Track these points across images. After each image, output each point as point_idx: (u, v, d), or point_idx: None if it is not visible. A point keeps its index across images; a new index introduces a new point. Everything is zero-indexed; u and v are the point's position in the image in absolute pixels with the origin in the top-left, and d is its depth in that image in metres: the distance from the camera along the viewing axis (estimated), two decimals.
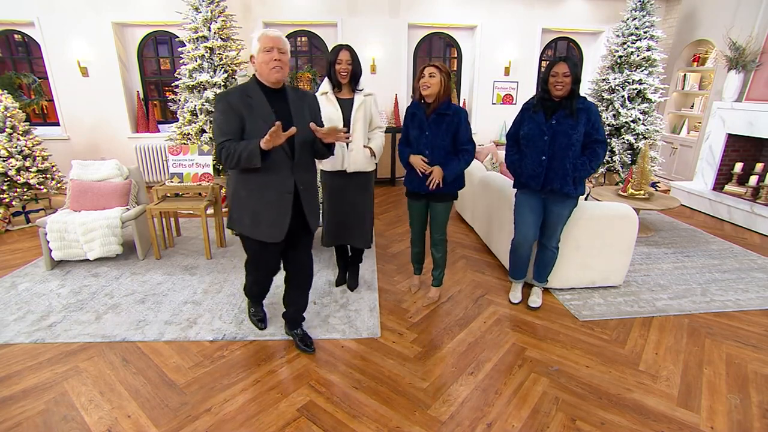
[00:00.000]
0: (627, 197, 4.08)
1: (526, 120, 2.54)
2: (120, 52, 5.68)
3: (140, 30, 5.79)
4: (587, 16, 6.25)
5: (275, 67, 1.86)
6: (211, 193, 3.63)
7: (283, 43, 1.87)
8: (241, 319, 2.67)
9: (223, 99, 1.88)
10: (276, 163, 1.88)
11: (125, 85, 5.80)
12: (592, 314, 2.76)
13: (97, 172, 3.62)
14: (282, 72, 1.89)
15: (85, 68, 5.58)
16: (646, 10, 5.16)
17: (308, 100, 2.07)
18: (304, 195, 2.01)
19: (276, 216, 1.96)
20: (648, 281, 3.23)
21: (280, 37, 1.86)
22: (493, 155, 4.70)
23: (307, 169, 2.05)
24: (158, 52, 6.01)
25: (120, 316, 2.69)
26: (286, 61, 1.89)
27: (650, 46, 5.19)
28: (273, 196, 1.94)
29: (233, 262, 3.53)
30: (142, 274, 3.29)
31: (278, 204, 1.95)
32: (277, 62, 1.85)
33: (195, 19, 4.57)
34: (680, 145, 6.16)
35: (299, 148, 1.95)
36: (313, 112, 2.07)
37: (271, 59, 1.84)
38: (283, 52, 1.87)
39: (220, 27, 4.58)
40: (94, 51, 5.55)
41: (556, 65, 2.38)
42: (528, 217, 2.67)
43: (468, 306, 2.88)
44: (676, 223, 4.66)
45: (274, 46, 1.84)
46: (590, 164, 2.44)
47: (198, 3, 4.57)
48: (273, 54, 1.84)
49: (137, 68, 5.94)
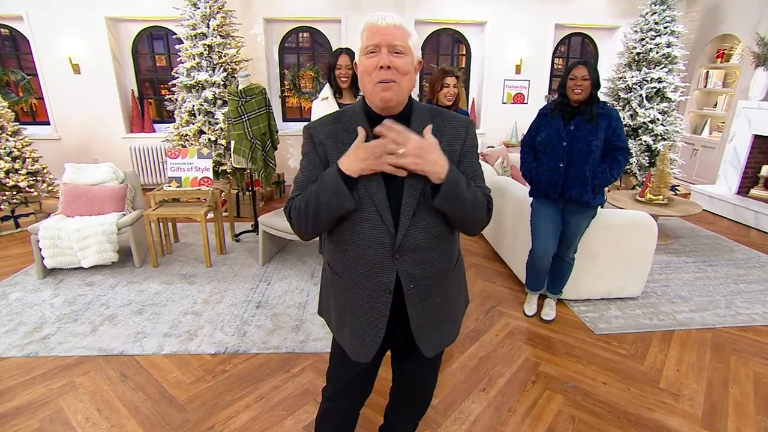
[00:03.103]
0: (645, 202, 4.10)
1: (543, 125, 2.57)
2: (114, 49, 5.75)
3: (135, 25, 5.85)
4: (603, 10, 6.27)
5: (382, 83, 1.11)
6: (211, 198, 3.67)
7: (399, 37, 1.10)
8: (244, 330, 2.70)
9: (306, 132, 1.24)
10: (366, 236, 1.17)
11: (119, 83, 5.86)
12: (609, 327, 2.78)
13: (91, 176, 3.66)
14: (395, 90, 1.12)
15: (76, 65, 5.64)
16: (666, 4, 5.16)
17: (454, 132, 1.21)
18: (414, 298, 1.23)
19: (365, 324, 1.26)
20: (668, 292, 3.25)
21: (394, 26, 1.10)
22: (504, 159, 4.73)
23: (427, 253, 1.21)
24: (154, 49, 6.08)
25: (117, 327, 2.73)
26: (405, 69, 1.11)
27: (670, 42, 5.20)
28: (362, 290, 1.23)
29: (234, 270, 3.57)
30: (139, 282, 3.33)
31: (368, 307, 1.24)
32: (386, 73, 1.10)
33: (193, 15, 4.63)
34: (702, 146, 6.17)
35: (408, 212, 1.15)
36: (458, 153, 1.21)
37: (375, 67, 1.10)
38: (400, 53, 1.10)
39: (219, 23, 4.64)
40: (87, 47, 5.62)
41: (574, 68, 2.41)
42: (548, 229, 2.69)
43: (479, 318, 2.91)
44: (698, 229, 4.67)
45: (381, 43, 1.09)
46: (611, 172, 2.47)
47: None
48: (380, 58, 1.09)
49: (132, 65, 6.00)
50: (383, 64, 1.09)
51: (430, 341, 1.30)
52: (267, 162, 3.86)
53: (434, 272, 1.24)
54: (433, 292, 1.26)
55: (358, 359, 1.30)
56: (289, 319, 2.83)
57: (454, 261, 1.32)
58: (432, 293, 1.26)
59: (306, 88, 6.13)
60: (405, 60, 1.11)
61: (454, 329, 1.38)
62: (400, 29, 1.11)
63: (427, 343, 1.29)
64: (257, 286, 3.29)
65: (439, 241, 1.21)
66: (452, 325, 1.36)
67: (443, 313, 1.31)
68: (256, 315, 2.88)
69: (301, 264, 3.68)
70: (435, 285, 1.25)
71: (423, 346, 1.29)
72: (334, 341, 1.41)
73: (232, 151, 3.84)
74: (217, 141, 4.78)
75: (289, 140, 6.25)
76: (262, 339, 2.61)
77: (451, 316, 1.34)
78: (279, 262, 3.71)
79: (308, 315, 2.87)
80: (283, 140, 6.00)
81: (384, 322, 1.24)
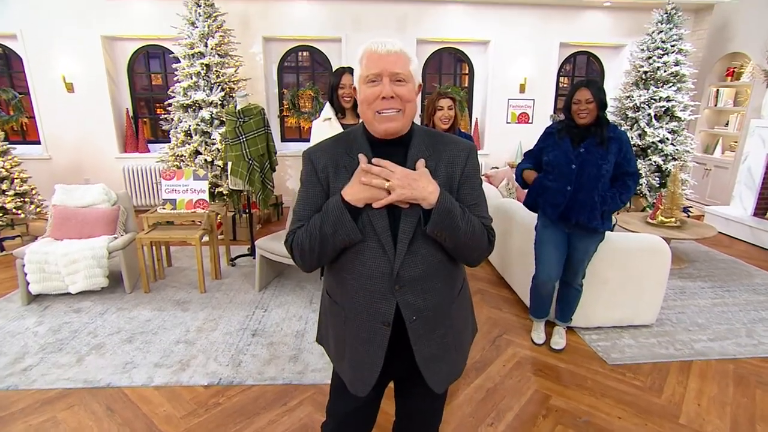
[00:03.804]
0: (657, 225, 4.12)
1: (551, 146, 2.61)
2: (109, 67, 5.88)
3: (131, 44, 6.00)
4: (608, 29, 6.43)
5: (384, 112, 1.13)
6: (207, 221, 3.70)
7: (400, 65, 1.12)
8: (239, 360, 2.68)
9: (306, 158, 1.24)
10: (366, 264, 1.18)
11: (113, 102, 5.98)
12: (622, 357, 2.76)
13: (82, 197, 3.69)
14: (398, 121, 1.15)
15: (70, 84, 5.76)
16: (673, 22, 5.30)
17: (453, 158, 1.22)
18: (417, 331, 1.22)
19: (363, 357, 1.25)
20: (684, 320, 3.23)
21: (395, 53, 1.12)
22: (509, 180, 4.77)
23: (428, 283, 1.21)
24: (150, 67, 6.21)
25: (104, 357, 2.71)
26: (408, 97, 1.14)
27: (678, 61, 5.32)
28: (361, 321, 1.23)
29: (229, 296, 3.56)
30: (130, 309, 3.32)
31: (367, 339, 1.24)
32: (387, 103, 1.12)
33: (191, 34, 4.76)
34: (714, 166, 6.23)
35: (404, 246, 1.16)
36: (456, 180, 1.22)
37: (377, 98, 1.12)
38: (401, 81, 1.13)
39: (217, 43, 4.76)
40: (81, 65, 5.75)
41: (578, 92, 2.44)
42: (552, 254, 2.70)
43: (485, 347, 2.89)
44: (713, 252, 4.67)
45: (383, 72, 1.11)
46: (620, 197, 2.49)
47: (194, 17, 4.77)
48: (381, 88, 1.12)
49: (127, 84, 6.13)
50: (386, 95, 1.11)
51: (437, 375, 1.28)
52: (265, 184, 3.90)
53: (437, 302, 1.23)
54: (437, 323, 1.25)
55: (356, 393, 1.29)
56: (287, 349, 2.81)
57: (458, 289, 1.31)
58: (436, 325, 1.25)
59: (305, 108, 6.24)
60: (407, 87, 1.13)
61: (461, 360, 1.37)
62: (401, 56, 1.13)
63: (435, 377, 1.28)
64: (253, 313, 3.28)
65: (439, 270, 1.22)
66: (460, 357, 1.35)
67: (449, 344, 1.29)
68: (251, 344, 2.86)
69: (300, 290, 3.67)
70: (439, 316, 1.24)
71: (431, 381, 1.27)
72: (335, 372, 1.40)
73: (229, 172, 3.89)
74: (213, 162, 4.84)
75: (288, 161, 6.32)
76: (257, 369, 2.59)
77: (457, 347, 1.33)
78: (276, 288, 3.70)
79: (307, 344, 2.86)
80: (282, 161, 6.07)
81: (381, 356, 1.23)
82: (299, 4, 5.84)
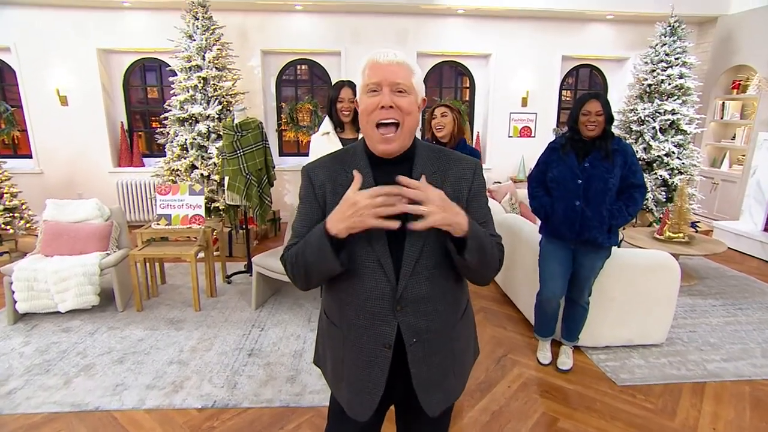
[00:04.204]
0: (664, 240, 4.12)
1: (555, 162, 2.62)
2: (104, 80, 5.94)
3: (127, 57, 6.08)
4: (611, 42, 6.53)
5: (382, 128, 1.13)
6: (203, 237, 3.70)
7: (402, 75, 1.12)
8: (234, 382, 2.65)
9: (305, 174, 1.25)
10: (366, 285, 1.17)
11: (108, 115, 6.02)
12: (632, 378, 2.73)
13: (74, 212, 3.70)
14: (396, 142, 1.15)
15: (64, 97, 5.82)
16: (676, 35, 5.37)
17: (459, 176, 1.22)
18: (417, 354, 1.21)
19: (363, 380, 1.24)
20: (695, 339, 3.21)
21: (397, 64, 1.12)
22: (512, 195, 4.78)
23: (431, 304, 1.20)
24: (146, 80, 6.28)
25: (94, 379, 2.68)
26: (408, 108, 1.12)
27: (683, 74, 5.38)
28: (362, 344, 1.22)
29: (225, 314, 3.54)
30: (121, 328, 3.30)
31: (367, 362, 1.22)
32: (386, 113, 1.11)
33: (188, 47, 4.82)
34: (722, 180, 6.25)
35: (411, 263, 1.15)
36: (464, 199, 1.21)
37: (376, 107, 1.11)
38: (403, 92, 1.12)
39: (215, 56, 4.82)
40: (76, 78, 5.81)
41: (587, 103, 2.46)
42: (556, 271, 2.69)
43: (489, 367, 2.86)
44: (723, 269, 4.66)
45: (383, 82, 1.11)
46: (627, 210, 2.50)
47: (192, 30, 4.84)
48: (381, 97, 1.11)
49: (122, 97, 6.19)
50: (384, 104, 1.10)
51: (434, 400, 1.26)
52: (262, 199, 3.91)
53: (439, 324, 1.22)
54: (438, 346, 1.24)
55: (356, 417, 1.27)
56: (284, 369, 2.78)
57: (462, 311, 1.30)
58: (437, 348, 1.23)
59: (304, 122, 6.29)
60: (408, 99, 1.13)
61: (460, 385, 1.35)
62: (403, 66, 1.13)
63: (431, 402, 1.26)
64: (249, 332, 3.26)
65: (444, 290, 1.21)
66: (459, 381, 1.33)
67: (449, 369, 1.28)
68: (248, 364, 2.84)
69: (298, 308, 3.65)
70: (440, 338, 1.24)
71: (426, 405, 1.26)
72: (333, 396, 1.39)
73: (226, 187, 3.90)
74: (210, 176, 4.86)
75: (286, 176, 6.35)
76: (254, 391, 2.56)
77: (458, 371, 1.32)
78: (273, 306, 3.68)
79: (305, 364, 2.83)
80: (280, 176, 6.10)
81: (383, 379, 1.22)
82: (298, 17, 5.94)
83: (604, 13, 6.04)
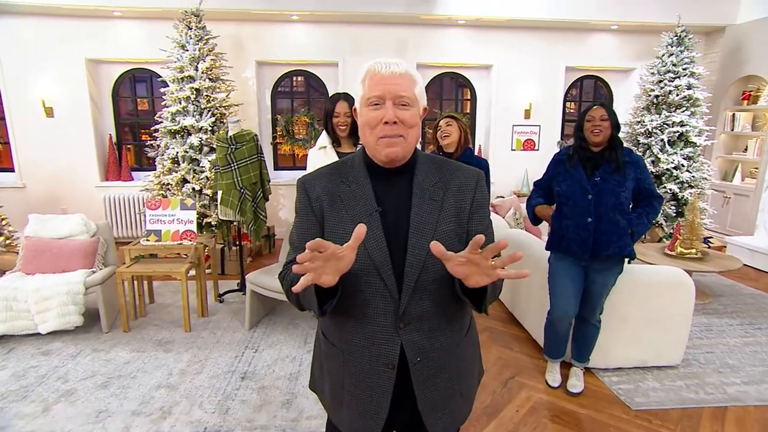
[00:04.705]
0: (676, 257, 4.11)
1: (562, 175, 2.63)
2: (92, 91, 5.98)
3: (117, 67, 6.13)
4: (616, 52, 6.62)
5: (386, 138, 1.13)
6: (194, 254, 3.68)
7: (405, 87, 1.13)
8: (226, 407, 2.62)
9: (301, 186, 1.25)
10: (369, 305, 1.16)
11: (96, 128, 6.05)
12: (647, 401, 2.70)
13: (58, 228, 3.69)
14: (401, 146, 1.15)
15: (50, 108, 5.84)
16: (683, 44, 5.44)
17: (462, 186, 1.23)
18: (421, 373, 1.20)
19: (365, 404, 1.22)
20: (713, 360, 3.19)
21: (400, 75, 1.13)
22: (516, 210, 4.80)
23: (436, 321, 1.19)
24: (136, 92, 6.33)
25: (75, 406, 2.63)
26: (411, 122, 1.14)
27: (691, 84, 5.44)
28: (362, 365, 1.21)
29: (216, 335, 3.52)
30: (106, 351, 3.26)
31: (369, 384, 1.21)
32: (390, 128, 1.12)
33: (181, 57, 4.86)
34: (734, 194, 6.28)
35: (412, 282, 1.14)
36: (466, 211, 1.22)
37: (379, 122, 1.12)
38: (405, 105, 1.13)
39: (208, 66, 4.86)
40: (63, 89, 5.84)
41: (591, 110, 2.51)
42: (568, 289, 2.68)
43: (496, 390, 2.83)
44: (739, 286, 4.66)
45: (386, 95, 1.12)
46: (647, 217, 2.53)
47: (185, 40, 4.89)
48: (384, 112, 1.12)
49: (111, 109, 6.22)
50: (389, 119, 1.11)
51: (440, 423, 1.25)
52: (257, 214, 3.90)
53: (444, 342, 1.22)
54: (443, 365, 1.23)
55: None
56: (279, 393, 2.75)
57: (466, 328, 1.30)
58: (442, 367, 1.23)
59: (300, 135, 6.32)
60: (411, 112, 1.14)
61: (467, 407, 1.34)
62: (406, 78, 1.14)
63: (437, 426, 1.24)
64: (243, 353, 3.23)
65: (448, 306, 1.20)
66: (465, 403, 1.33)
67: (455, 389, 1.27)
68: (240, 388, 2.81)
69: (293, 328, 3.62)
70: (445, 357, 1.23)
71: (432, 429, 1.24)
72: (329, 422, 1.37)
73: (219, 201, 3.90)
74: (202, 191, 4.86)
75: (281, 190, 6.35)
76: (247, 417, 2.53)
77: (463, 392, 1.31)
78: (268, 326, 3.65)
79: (301, 388, 2.80)
80: (275, 190, 6.10)
81: (387, 401, 1.20)
82: (294, 27, 6.02)
83: (609, 23, 6.15)
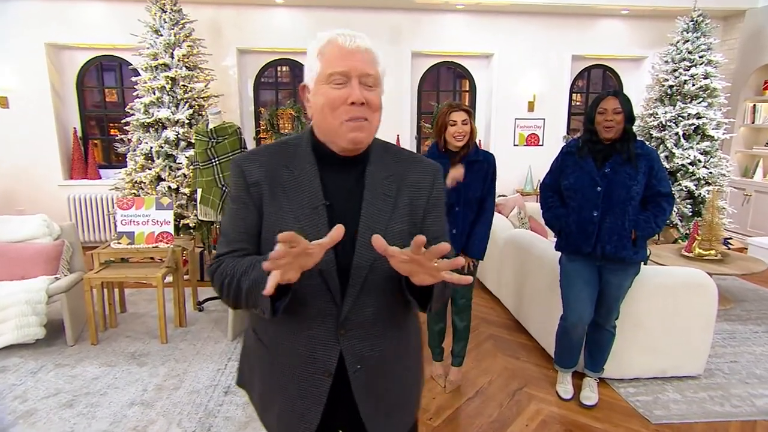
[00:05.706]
0: (694, 258, 4.15)
1: (570, 167, 2.64)
2: (54, 80, 5.93)
3: (82, 54, 6.08)
4: (626, 39, 6.69)
5: (353, 121, 1.08)
6: (171, 258, 3.65)
7: (371, 65, 1.10)
8: (208, 425, 2.59)
9: (236, 168, 1.19)
10: (309, 307, 1.14)
11: (58, 120, 6.00)
12: (668, 415, 2.71)
13: (17, 230, 3.66)
14: (367, 131, 1.12)
15: (4, 98, 5.77)
16: (700, 30, 5.47)
17: (418, 182, 1.22)
18: (360, 382, 1.19)
19: (299, 410, 1.22)
20: (738, 370, 3.21)
21: (366, 50, 1.10)
22: (521, 208, 4.82)
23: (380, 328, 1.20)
24: (104, 81, 6.28)
25: (35, 428, 2.59)
26: (377, 104, 1.11)
27: (708, 73, 5.48)
28: (294, 371, 1.20)
29: (196, 346, 3.49)
30: (72, 365, 3.22)
31: (301, 391, 1.20)
32: (357, 110, 1.07)
33: (155, 43, 4.83)
34: (755, 191, 6.35)
35: (358, 283, 1.13)
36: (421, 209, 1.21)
37: (343, 102, 1.07)
38: (371, 86, 1.10)
39: (185, 53, 4.84)
40: (19, 77, 5.77)
41: (603, 101, 2.49)
42: (583, 292, 2.68)
43: (503, 403, 2.83)
44: (762, 290, 4.71)
45: (352, 72, 1.07)
46: (655, 221, 2.52)
47: (159, 24, 4.86)
48: (349, 91, 1.07)
49: (75, 100, 6.17)
50: (356, 100, 1.06)
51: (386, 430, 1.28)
52: None
53: (385, 351, 1.22)
54: (384, 374, 1.23)
55: None
56: None
57: (411, 335, 1.32)
58: (383, 376, 1.23)
59: (285, 129, 6.29)
60: (376, 92, 1.11)
61: (410, 415, 1.36)
62: (372, 55, 1.11)
63: None
64: (225, 366, 3.22)
65: (392, 312, 1.21)
66: (407, 416, 1.34)
67: (396, 400, 1.29)
68: (224, 403, 2.79)
69: None
70: (386, 366, 1.23)
71: None
72: None
73: (198, 200, 3.87)
74: (179, 189, 4.82)
75: None
76: None
77: (405, 404, 1.32)
78: None
79: None
80: None
81: (319, 410, 1.20)
82: (279, 12, 6.01)
83: (619, 7, 6.20)
